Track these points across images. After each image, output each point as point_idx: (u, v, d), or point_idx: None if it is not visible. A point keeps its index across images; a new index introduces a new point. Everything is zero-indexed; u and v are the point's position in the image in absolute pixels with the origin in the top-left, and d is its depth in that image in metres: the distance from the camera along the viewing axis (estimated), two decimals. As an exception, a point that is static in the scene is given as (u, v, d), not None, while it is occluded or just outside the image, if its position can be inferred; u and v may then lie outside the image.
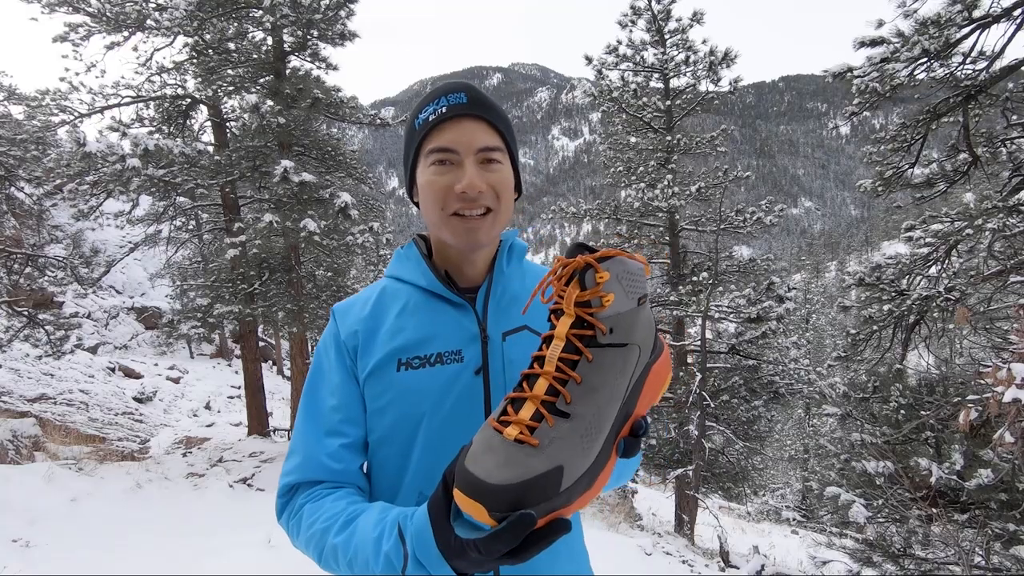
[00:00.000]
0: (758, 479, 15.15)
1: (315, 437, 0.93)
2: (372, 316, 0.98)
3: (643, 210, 10.34)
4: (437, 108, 0.91)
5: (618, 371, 0.67)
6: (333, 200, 8.03)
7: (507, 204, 0.94)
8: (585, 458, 0.62)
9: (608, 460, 0.66)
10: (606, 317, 0.66)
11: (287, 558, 4.33)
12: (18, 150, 9.57)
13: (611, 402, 0.66)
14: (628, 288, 0.68)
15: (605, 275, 0.65)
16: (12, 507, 5.19)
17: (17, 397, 11.03)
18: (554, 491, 0.59)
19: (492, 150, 0.91)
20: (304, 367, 9.93)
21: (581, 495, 0.62)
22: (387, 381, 0.91)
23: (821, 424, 18.26)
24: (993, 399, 3.13)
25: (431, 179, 0.91)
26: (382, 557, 0.73)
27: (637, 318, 0.69)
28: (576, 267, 0.67)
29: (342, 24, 9.18)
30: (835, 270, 74.87)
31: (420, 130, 0.93)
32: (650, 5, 10.01)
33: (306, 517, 0.86)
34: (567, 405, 0.64)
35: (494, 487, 0.58)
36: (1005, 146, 5.50)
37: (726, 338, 10.68)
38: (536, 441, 0.61)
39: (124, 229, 11.20)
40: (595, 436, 0.64)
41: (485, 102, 0.93)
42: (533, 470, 0.59)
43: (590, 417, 0.64)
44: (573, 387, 0.65)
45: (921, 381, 5.16)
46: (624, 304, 0.68)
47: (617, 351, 0.67)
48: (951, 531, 3.98)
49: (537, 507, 0.58)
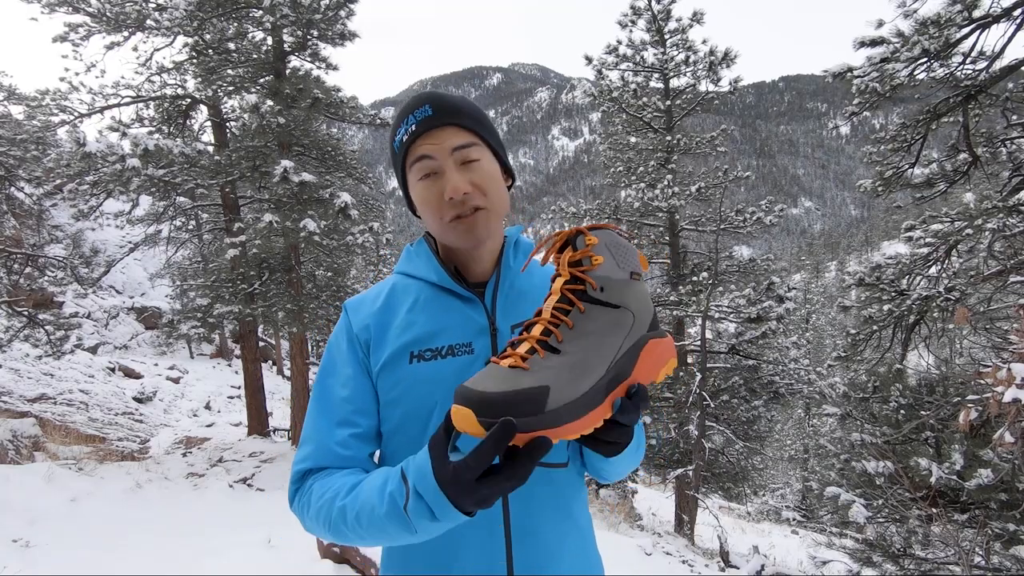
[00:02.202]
0: (758, 479, 15.16)
1: (326, 426, 0.95)
2: (384, 311, 1.01)
3: (643, 210, 10.34)
4: (407, 127, 0.94)
5: (609, 328, 0.73)
6: (333, 200, 8.03)
7: (497, 197, 0.96)
8: (572, 388, 0.67)
9: (599, 406, 0.70)
10: (596, 276, 0.74)
11: (287, 558, 4.33)
12: (18, 150, 9.57)
13: (601, 350, 0.71)
14: (618, 258, 0.76)
15: (594, 239, 0.74)
16: (12, 507, 5.19)
17: (17, 397, 11.03)
18: (539, 408, 0.64)
19: (466, 147, 0.93)
20: (304, 367, 9.93)
21: (566, 423, 0.66)
22: (400, 373, 0.94)
23: (821, 424, 18.27)
24: (993, 399, 3.13)
25: (422, 195, 0.95)
26: (386, 497, 0.77)
27: (630, 288, 0.76)
28: (568, 235, 0.76)
29: (342, 24, 9.17)
30: (835, 270, 74.83)
31: (400, 152, 0.97)
32: (650, 5, 10.01)
33: (316, 492, 0.89)
34: (558, 343, 0.70)
35: (483, 394, 0.64)
36: (1005, 146, 5.50)
37: (726, 338, 10.67)
38: (528, 367, 0.68)
39: (124, 229, 11.21)
40: (584, 373, 0.69)
41: (451, 108, 0.94)
42: (521, 384, 0.65)
43: (579, 355, 0.70)
44: (565, 330, 0.72)
45: (921, 381, 5.16)
46: (615, 271, 0.75)
47: (609, 309, 0.73)
48: (951, 531, 3.98)
49: (521, 420, 0.63)
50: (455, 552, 0.90)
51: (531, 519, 0.91)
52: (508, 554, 0.89)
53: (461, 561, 0.90)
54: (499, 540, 0.90)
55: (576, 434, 0.68)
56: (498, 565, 0.89)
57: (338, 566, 4.13)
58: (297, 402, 9.83)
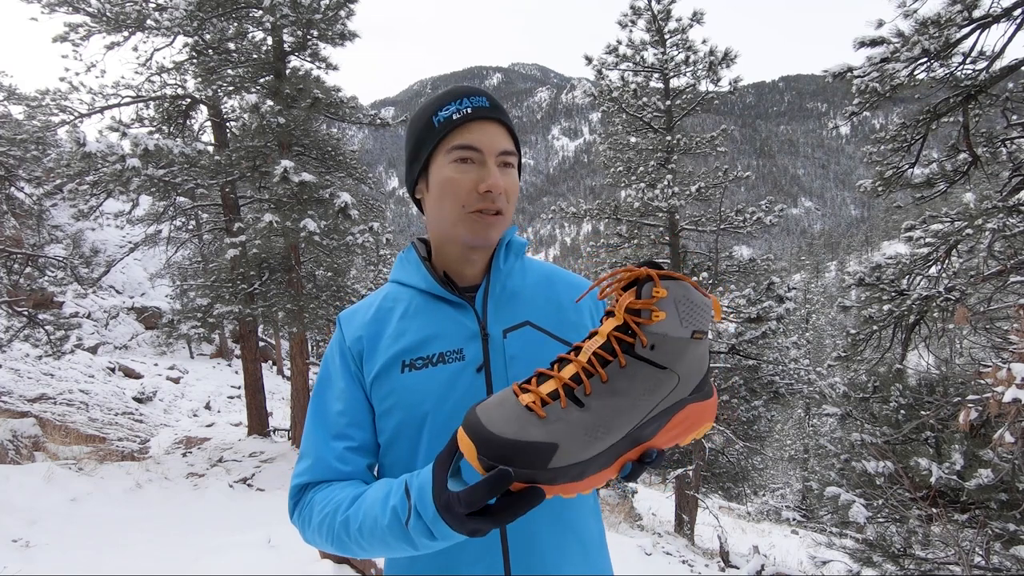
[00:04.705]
0: (758, 479, 15.17)
1: (323, 441, 0.95)
2: (375, 321, 1.00)
3: (643, 210, 10.33)
4: (461, 108, 0.92)
5: (647, 389, 0.67)
6: (333, 200, 8.03)
7: (513, 208, 0.98)
8: (582, 451, 0.63)
9: (605, 469, 0.66)
10: (651, 332, 0.66)
11: (287, 558, 4.33)
12: (18, 150, 9.57)
13: (628, 414, 0.66)
14: (684, 316, 0.68)
15: (662, 292, 0.66)
16: (12, 507, 5.19)
17: (17, 397, 11.03)
18: (541, 464, 0.61)
19: (510, 154, 0.95)
20: (304, 367, 9.93)
21: (565, 483, 0.64)
22: (392, 383, 0.93)
23: (821, 424, 18.27)
24: (993, 399, 3.14)
25: (453, 176, 0.92)
26: (389, 510, 0.76)
27: (687, 350, 0.68)
28: (638, 276, 0.69)
29: (342, 24, 9.17)
30: (835, 270, 74.84)
31: (441, 128, 0.93)
32: (650, 5, 10.01)
33: (317, 504, 0.89)
34: (585, 396, 0.65)
35: (490, 434, 0.62)
36: (1005, 146, 5.49)
37: (726, 338, 10.68)
38: (544, 414, 0.64)
39: (124, 229, 11.22)
40: (600, 437, 0.64)
41: (502, 108, 0.97)
42: (529, 435, 0.62)
43: (602, 417, 0.65)
44: (597, 383, 0.66)
45: (921, 381, 5.15)
46: (675, 329, 0.67)
47: (653, 370, 0.67)
48: (951, 531, 3.99)
49: (520, 471, 0.61)
50: (456, 556, 0.90)
51: (528, 528, 0.90)
52: (505, 562, 0.89)
53: (462, 566, 0.90)
54: (496, 549, 0.89)
55: (573, 493, 0.65)
56: (496, 568, 0.89)
57: (338, 566, 4.13)
58: (297, 402, 9.83)
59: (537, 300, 1.00)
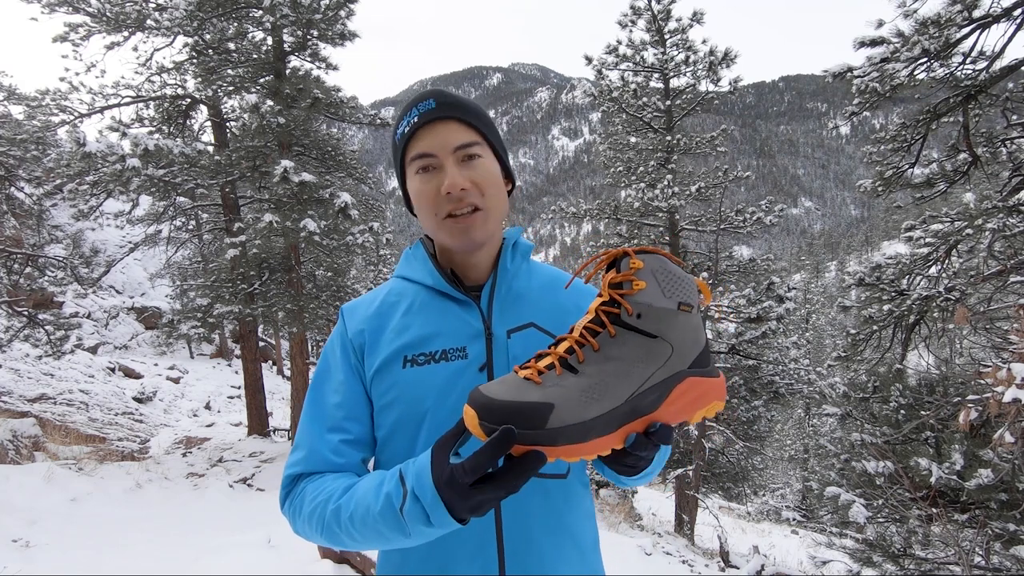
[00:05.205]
0: (758, 479, 15.17)
1: (318, 432, 0.94)
2: (378, 315, 0.99)
3: (643, 210, 10.32)
4: (410, 119, 0.93)
5: (639, 357, 0.69)
6: (333, 200, 8.03)
7: (495, 199, 0.95)
8: (579, 411, 0.66)
9: (608, 435, 0.67)
10: (635, 302, 0.70)
11: (287, 558, 4.33)
12: (18, 150, 9.57)
13: (624, 380, 0.68)
14: (665, 286, 0.71)
15: (639, 263, 0.71)
16: (12, 507, 5.19)
17: (17, 397, 11.03)
18: (540, 423, 0.64)
19: (468, 145, 0.92)
20: (304, 367, 9.93)
21: (565, 444, 0.65)
22: (393, 378, 0.93)
23: (821, 424, 18.27)
24: (993, 399, 3.14)
25: (419, 188, 0.93)
26: (382, 496, 0.76)
27: (675, 320, 0.71)
28: (615, 255, 0.74)
29: (342, 24, 9.17)
30: (835, 270, 74.82)
31: (401, 143, 0.95)
32: (650, 5, 10.00)
33: (308, 494, 0.88)
34: (578, 363, 0.69)
35: (490, 399, 0.65)
36: (1005, 146, 5.49)
37: (726, 338, 10.68)
38: (540, 381, 0.68)
39: (124, 229, 11.23)
40: (596, 399, 0.67)
41: (455, 102, 0.94)
42: (526, 397, 0.65)
43: (596, 380, 0.68)
44: (589, 351, 0.70)
45: (921, 381, 5.15)
46: (658, 299, 0.70)
47: (642, 338, 0.70)
48: (951, 531, 3.99)
49: (521, 432, 0.63)
50: (451, 556, 0.89)
51: (523, 528, 0.90)
52: (500, 562, 0.89)
53: (456, 566, 0.89)
54: (491, 549, 0.89)
55: (575, 457, 0.66)
56: (490, 568, 0.89)
57: (338, 566, 4.13)
58: (297, 402, 9.84)
59: (542, 303, 0.99)
